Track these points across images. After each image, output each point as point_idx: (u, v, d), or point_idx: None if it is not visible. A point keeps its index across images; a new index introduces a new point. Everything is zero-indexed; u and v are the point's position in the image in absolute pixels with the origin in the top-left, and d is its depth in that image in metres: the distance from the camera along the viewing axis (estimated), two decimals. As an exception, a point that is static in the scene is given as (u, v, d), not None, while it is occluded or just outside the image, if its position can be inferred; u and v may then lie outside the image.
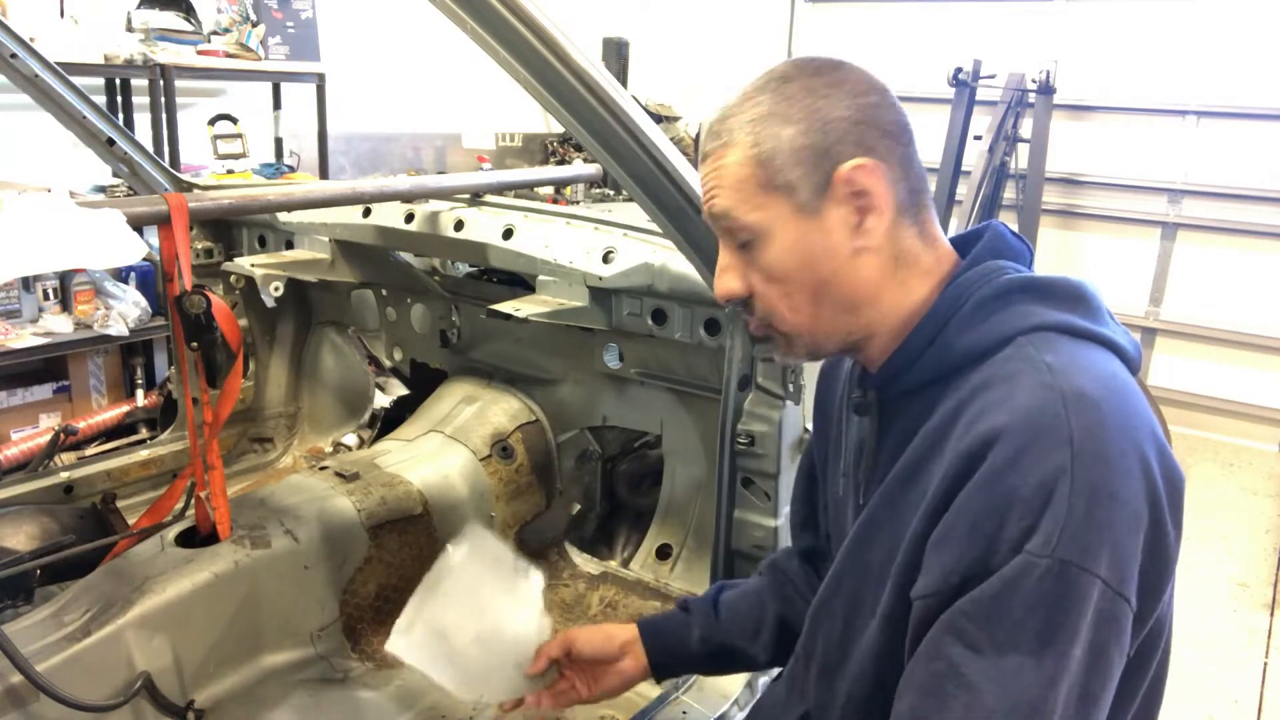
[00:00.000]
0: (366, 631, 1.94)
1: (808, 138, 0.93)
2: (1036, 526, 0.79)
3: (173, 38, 3.89)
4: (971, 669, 0.80)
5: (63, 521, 2.09)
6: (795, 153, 0.93)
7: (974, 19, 5.72)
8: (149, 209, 1.61)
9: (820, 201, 0.94)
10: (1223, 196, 5.20)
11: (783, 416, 1.70)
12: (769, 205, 0.95)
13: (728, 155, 0.96)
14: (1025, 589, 0.79)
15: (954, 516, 0.85)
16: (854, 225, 0.94)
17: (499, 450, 2.27)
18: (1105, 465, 0.81)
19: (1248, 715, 2.91)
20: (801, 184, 0.94)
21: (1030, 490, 0.80)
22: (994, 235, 1.00)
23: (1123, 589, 0.80)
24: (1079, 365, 0.87)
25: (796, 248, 0.95)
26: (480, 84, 5.43)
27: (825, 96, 0.94)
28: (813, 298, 0.97)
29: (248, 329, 2.69)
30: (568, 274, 1.98)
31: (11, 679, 1.42)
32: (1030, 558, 0.79)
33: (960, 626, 0.82)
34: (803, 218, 0.94)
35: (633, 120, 1.29)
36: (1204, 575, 3.73)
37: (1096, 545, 0.79)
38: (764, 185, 0.94)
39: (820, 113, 0.93)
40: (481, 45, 1.17)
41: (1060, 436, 0.81)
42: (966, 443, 0.85)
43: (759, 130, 0.94)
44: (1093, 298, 0.96)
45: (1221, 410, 5.33)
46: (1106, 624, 0.80)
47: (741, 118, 0.96)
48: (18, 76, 2.01)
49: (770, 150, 0.94)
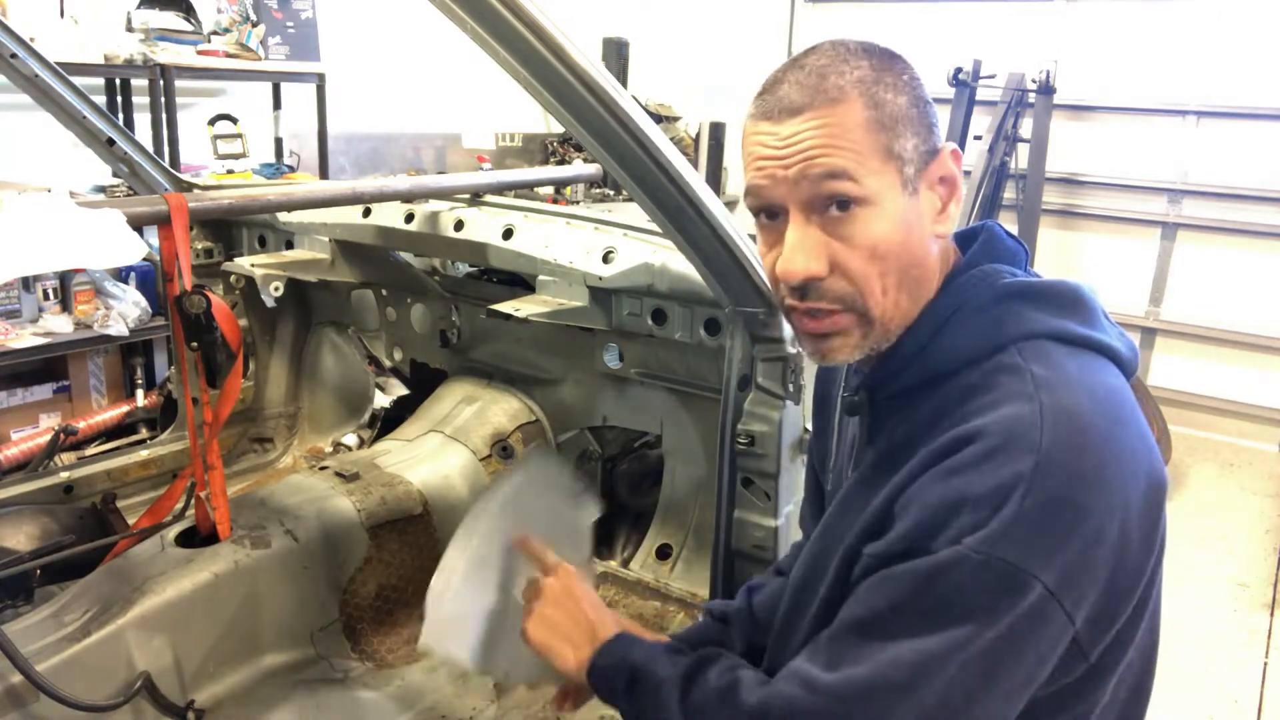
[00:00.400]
0: (366, 631, 1.94)
1: (919, 110, 0.91)
2: (982, 525, 0.81)
3: (173, 38, 3.89)
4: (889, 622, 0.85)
5: (63, 521, 2.10)
6: (911, 123, 0.89)
7: (974, 19, 5.72)
8: (149, 209, 1.61)
9: (918, 180, 0.91)
10: (1223, 196, 5.20)
11: (783, 416, 1.70)
12: (885, 172, 0.89)
13: (840, 112, 0.88)
14: (954, 577, 0.81)
15: (912, 494, 0.87)
16: (938, 210, 0.93)
17: (499, 450, 2.27)
18: (1073, 478, 0.81)
19: (1248, 715, 2.91)
20: (912, 157, 0.90)
21: (984, 490, 0.82)
22: (990, 237, 1.00)
23: (1064, 599, 0.81)
24: (1067, 377, 0.87)
25: (903, 223, 0.90)
26: (480, 84, 5.43)
27: (910, 76, 0.92)
28: (900, 279, 0.91)
29: (248, 329, 2.69)
30: (568, 274, 1.98)
31: (11, 679, 1.42)
32: (963, 550, 0.81)
33: (888, 586, 0.86)
34: (905, 192, 0.90)
35: (633, 120, 1.28)
36: (1204, 575, 3.73)
37: (1044, 551, 0.80)
38: (884, 149, 0.88)
39: (920, 90, 0.91)
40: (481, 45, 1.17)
41: (1028, 445, 0.82)
42: (942, 441, 0.87)
43: (876, 92, 0.88)
44: (1089, 301, 0.96)
45: (1221, 410, 5.33)
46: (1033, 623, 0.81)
47: (848, 76, 0.89)
48: (18, 76, 2.01)
49: (891, 115, 0.88)
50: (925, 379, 0.94)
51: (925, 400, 0.94)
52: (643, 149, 1.33)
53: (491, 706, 1.85)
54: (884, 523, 0.90)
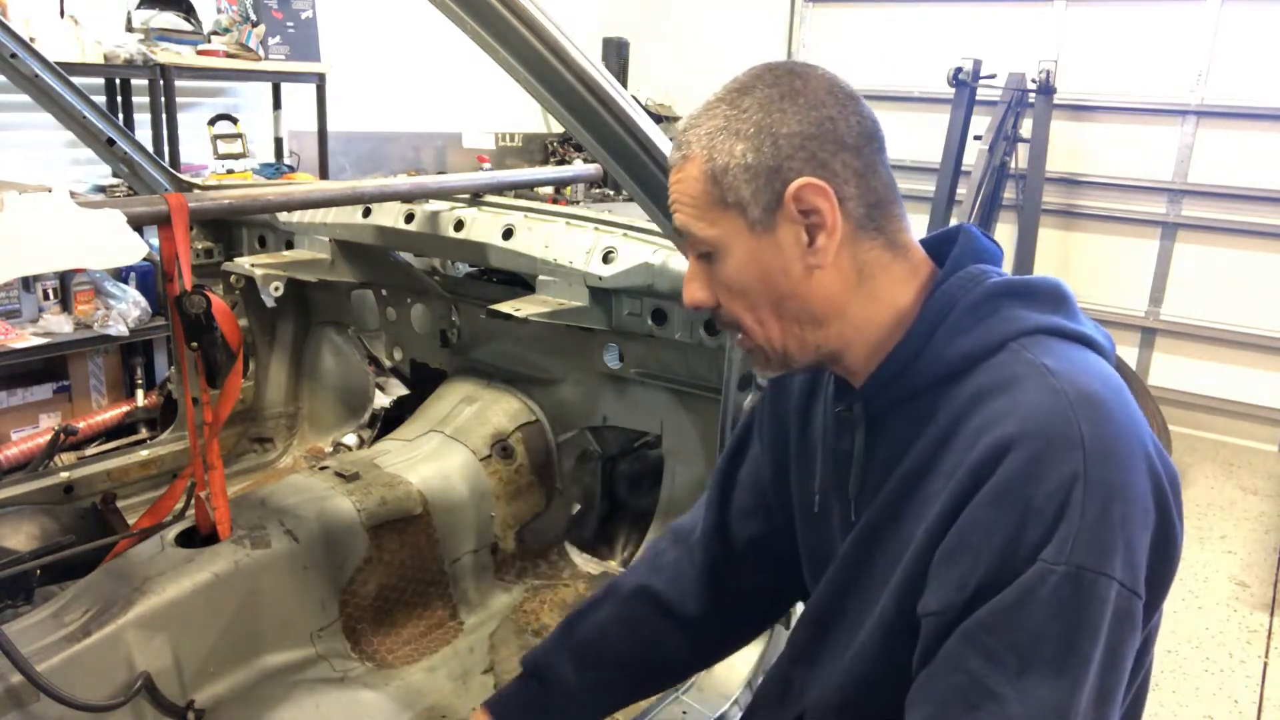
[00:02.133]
0: (366, 631, 1.94)
1: (758, 154, 0.91)
2: (1052, 535, 0.79)
3: (173, 38, 3.90)
4: (994, 680, 0.79)
5: (63, 521, 2.10)
6: (746, 169, 0.92)
7: (974, 19, 5.72)
8: (149, 209, 1.61)
9: (773, 218, 0.92)
10: (1223, 196, 5.19)
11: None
12: (723, 221, 0.94)
13: (686, 169, 0.95)
14: (1042, 598, 0.79)
15: (966, 528, 0.84)
16: (805, 243, 0.93)
17: (499, 450, 2.27)
18: (1115, 465, 0.81)
19: (1248, 715, 2.91)
20: (753, 201, 0.92)
21: (1044, 498, 0.80)
22: (968, 239, 0.99)
23: (1136, 586, 0.81)
24: (1076, 367, 0.88)
25: (752, 264, 0.94)
26: (480, 84, 5.43)
27: (780, 110, 0.92)
28: (775, 312, 0.96)
29: (248, 329, 2.69)
30: (568, 274, 1.98)
31: (11, 679, 1.42)
32: (1045, 566, 0.79)
33: (979, 639, 0.81)
34: (756, 235, 0.93)
35: (633, 120, 1.29)
36: (1204, 575, 3.73)
37: (1110, 546, 0.79)
38: (718, 201, 0.93)
39: (771, 128, 0.91)
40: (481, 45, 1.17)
41: (1072, 440, 0.81)
42: (977, 454, 0.84)
43: (713, 145, 0.93)
44: (1069, 297, 0.96)
45: (1221, 410, 5.33)
46: (1121, 622, 0.80)
47: (699, 130, 0.95)
48: (18, 76, 2.02)
49: (722, 166, 0.92)
50: (926, 383, 0.94)
51: (932, 405, 0.93)
52: (643, 149, 1.33)
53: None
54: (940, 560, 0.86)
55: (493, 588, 2.20)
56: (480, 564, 2.19)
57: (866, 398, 0.99)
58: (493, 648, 2.04)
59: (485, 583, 2.19)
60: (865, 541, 0.99)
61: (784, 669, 1.15)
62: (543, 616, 2.15)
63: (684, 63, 6.71)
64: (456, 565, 2.13)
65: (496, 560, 2.23)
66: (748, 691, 1.69)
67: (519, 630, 2.10)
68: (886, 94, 5.81)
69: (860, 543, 1.00)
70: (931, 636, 0.86)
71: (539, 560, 2.32)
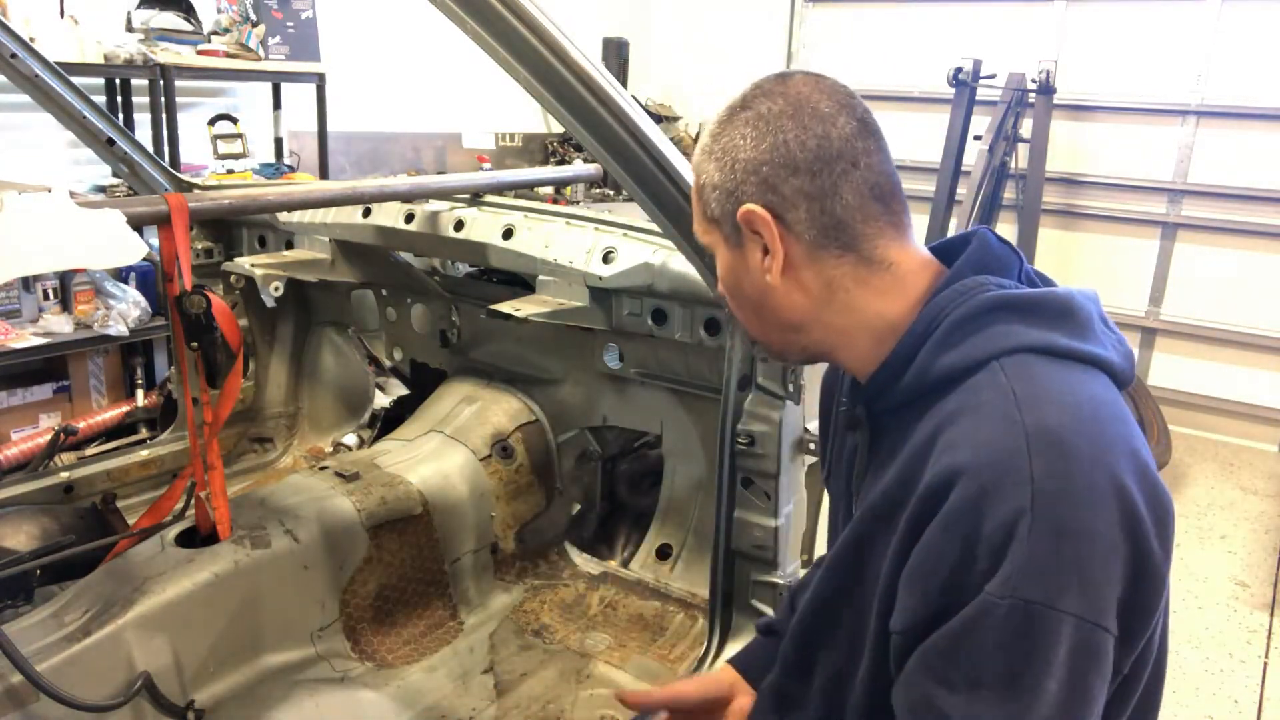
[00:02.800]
0: (366, 631, 1.94)
1: (721, 176, 0.99)
2: (996, 568, 0.80)
3: (173, 38, 3.89)
4: (946, 703, 0.82)
5: (63, 521, 2.10)
6: (715, 189, 1.00)
7: (974, 19, 5.72)
8: (149, 209, 1.61)
9: (739, 235, 1.00)
10: (1223, 196, 5.19)
11: (783, 416, 1.70)
12: (711, 232, 1.03)
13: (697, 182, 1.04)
14: (987, 628, 0.80)
15: (920, 554, 0.86)
16: (761, 259, 0.99)
17: (499, 450, 2.27)
18: (1070, 501, 0.80)
19: (1247, 715, 2.91)
20: (723, 219, 1.00)
21: (990, 530, 0.80)
22: (979, 245, 0.99)
23: (1100, 619, 0.80)
24: (1050, 394, 0.86)
25: (730, 272, 1.04)
26: (480, 84, 5.43)
27: (742, 136, 0.97)
28: (755, 314, 1.05)
29: (248, 329, 2.69)
30: (568, 274, 1.98)
31: (11, 679, 1.42)
32: (989, 599, 0.80)
33: (930, 663, 0.84)
34: (731, 248, 1.02)
35: (633, 120, 1.29)
36: (1204, 575, 3.73)
37: (1063, 582, 0.79)
38: (704, 215, 1.03)
39: (732, 153, 0.97)
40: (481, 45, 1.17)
41: (1021, 476, 0.80)
42: (931, 477, 0.85)
43: (700, 164, 1.02)
44: (1080, 311, 0.94)
45: (1221, 410, 5.33)
46: (1084, 656, 0.80)
47: (702, 147, 1.02)
48: (18, 76, 2.02)
49: (701, 185, 1.02)
50: (913, 395, 0.94)
51: (918, 416, 0.93)
52: (643, 149, 1.33)
53: (491, 706, 1.85)
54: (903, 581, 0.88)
55: (493, 588, 2.20)
56: (480, 564, 2.19)
57: (867, 400, 1.01)
58: (493, 648, 2.04)
59: (485, 583, 2.19)
60: (855, 549, 0.99)
61: (777, 680, 1.16)
62: (543, 616, 2.15)
63: (684, 63, 6.72)
64: (456, 565, 2.13)
65: (496, 560, 2.23)
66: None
67: (519, 630, 2.11)
68: (886, 94, 5.82)
69: (850, 550, 1.00)
70: (897, 655, 0.89)
71: (539, 560, 2.32)
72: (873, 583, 0.95)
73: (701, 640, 1.93)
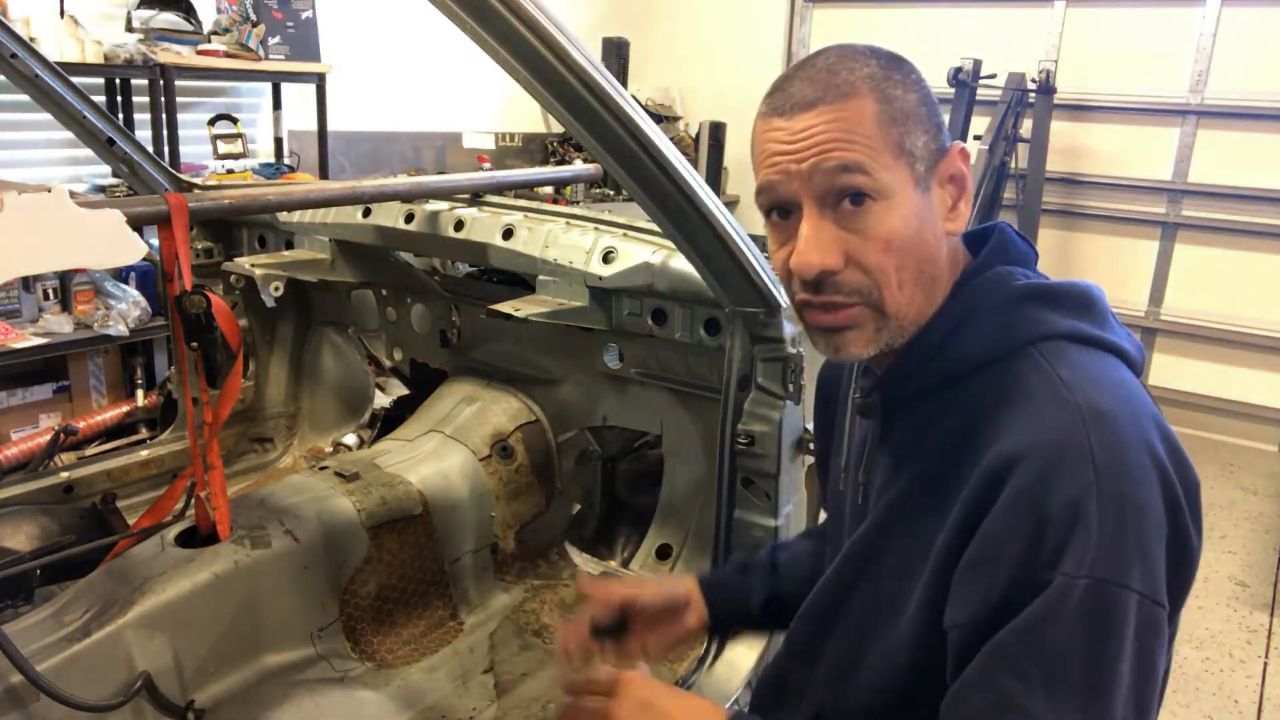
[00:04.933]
0: (366, 631, 1.94)
1: (928, 108, 0.91)
2: (1068, 546, 0.79)
3: (173, 38, 3.89)
4: (1026, 699, 0.78)
5: (63, 521, 2.10)
6: (921, 120, 0.90)
7: (974, 19, 5.72)
8: (149, 209, 1.61)
9: (929, 177, 0.92)
10: (1223, 196, 5.19)
11: (783, 416, 1.70)
12: (897, 167, 0.89)
13: (853, 107, 0.88)
14: (1066, 613, 0.78)
15: (982, 541, 0.84)
16: (949, 207, 0.94)
17: (499, 450, 2.27)
18: (1127, 478, 0.81)
19: (1248, 715, 2.91)
20: (922, 154, 0.91)
21: (1058, 510, 0.80)
22: (1002, 239, 0.99)
23: (1158, 595, 0.81)
24: (1091, 378, 0.87)
25: (915, 218, 0.90)
26: (480, 84, 5.43)
27: (922, 79, 0.93)
28: (916, 274, 0.91)
29: (248, 329, 2.69)
30: (568, 274, 1.98)
31: (11, 679, 1.42)
32: (1067, 579, 0.79)
33: (1007, 657, 0.80)
34: (918, 189, 0.91)
35: (633, 120, 1.28)
36: (1204, 575, 3.73)
37: (1128, 558, 0.79)
38: (894, 145, 0.89)
39: (926, 90, 0.92)
40: (481, 45, 1.17)
41: (1082, 454, 0.81)
42: (988, 463, 0.84)
43: (886, 89, 0.89)
44: (1098, 302, 0.96)
45: (1221, 410, 5.33)
46: (1148, 633, 0.80)
47: (860, 72, 0.89)
48: (18, 76, 2.02)
49: (902, 111, 0.89)
50: (942, 381, 0.94)
51: (946, 403, 0.93)
52: (643, 149, 1.33)
53: (491, 706, 1.85)
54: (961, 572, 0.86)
55: (493, 588, 2.20)
56: (480, 564, 2.19)
57: (884, 387, 0.99)
58: (493, 648, 2.04)
59: (485, 583, 2.19)
60: (876, 539, 0.99)
61: (780, 665, 1.15)
62: (543, 616, 2.15)
63: (684, 63, 6.71)
64: (456, 565, 2.13)
65: (496, 560, 2.23)
66: (747, 692, 1.69)
67: (519, 630, 2.10)
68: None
69: (870, 540, 0.99)
70: (959, 650, 0.85)
71: (539, 560, 2.32)
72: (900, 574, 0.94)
73: (701, 640, 1.93)
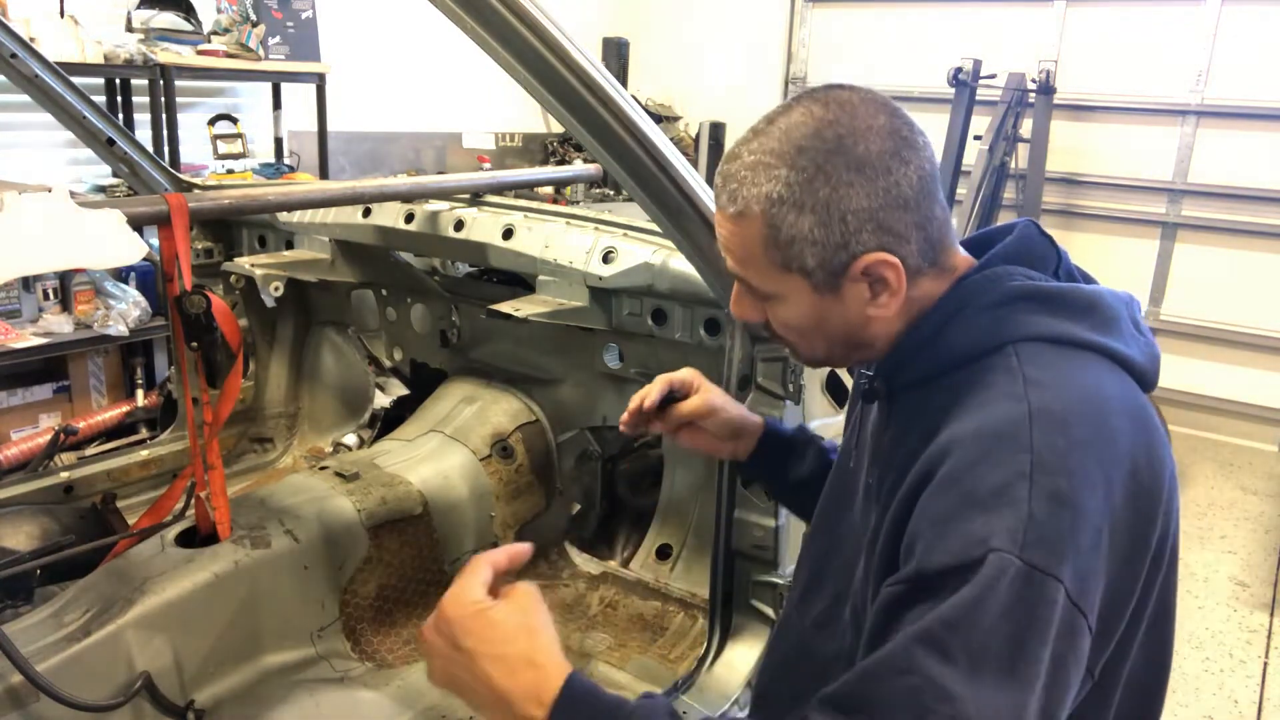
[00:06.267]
0: (366, 631, 1.94)
1: (826, 230, 0.91)
2: (997, 525, 0.79)
3: (173, 38, 3.90)
4: (949, 680, 0.76)
5: (63, 521, 2.10)
6: (813, 244, 0.91)
7: (974, 19, 5.72)
8: (149, 209, 1.61)
9: (837, 282, 0.94)
10: (1223, 196, 5.19)
11: (783, 416, 1.70)
12: (785, 280, 0.95)
13: (743, 226, 0.94)
14: (995, 596, 0.77)
15: (916, 519, 0.86)
16: (868, 299, 0.95)
17: (499, 450, 2.27)
18: (1068, 477, 0.80)
19: (1247, 715, 2.91)
20: (818, 270, 0.93)
21: (988, 491, 0.80)
22: (1020, 237, 1.00)
23: (1081, 603, 0.79)
24: (1060, 380, 0.87)
25: (812, 314, 0.98)
26: (480, 84, 5.43)
27: (847, 184, 0.90)
28: (827, 342, 1.02)
29: (248, 329, 2.69)
30: (568, 274, 1.97)
31: (11, 679, 1.42)
32: (1001, 556, 0.77)
33: (932, 635, 0.78)
34: (819, 294, 0.95)
35: (633, 120, 1.28)
36: (1204, 575, 3.73)
37: (1060, 551, 0.78)
38: (780, 265, 0.94)
39: (839, 205, 0.90)
40: (481, 45, 1.17)
41: (1021, 444, 0.82)
42: (931, 448, 0.86)
43: (775, 213, 0.91)
44: (1108, 309, 0.95)
45: (1221, 410, 5.33)
46: (1064, 637, 0.79)
47: (758, 190, 0.92)
48: (18, 76, 2.02)
49: (788, 237, 0.92)
50: (929, 374, 0.96)
51: (932, 394, 0.95)
52: (643, 149, 1.33)
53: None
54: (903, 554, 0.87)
55: (493, 588, 2.20)
56: (480, 564, 2.18)
57: (883, 377, 1.03)
58: (493, 648, 2.04)
59: (485, 583, 2.19)
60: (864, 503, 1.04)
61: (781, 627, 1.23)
62: (543, 616, 2.15)
63: (684, 63, 6.71)
64: (456, 565, 2.13)
65: (496, 560, 2.23)
66: (748, 691, 1.69)
67: (519, 630, 2.10)
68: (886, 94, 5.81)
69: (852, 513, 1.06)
70: (881, 607, 0.84)
71: (539, 560, 2.32)
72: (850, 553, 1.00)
73: (701, 640, 1.93)
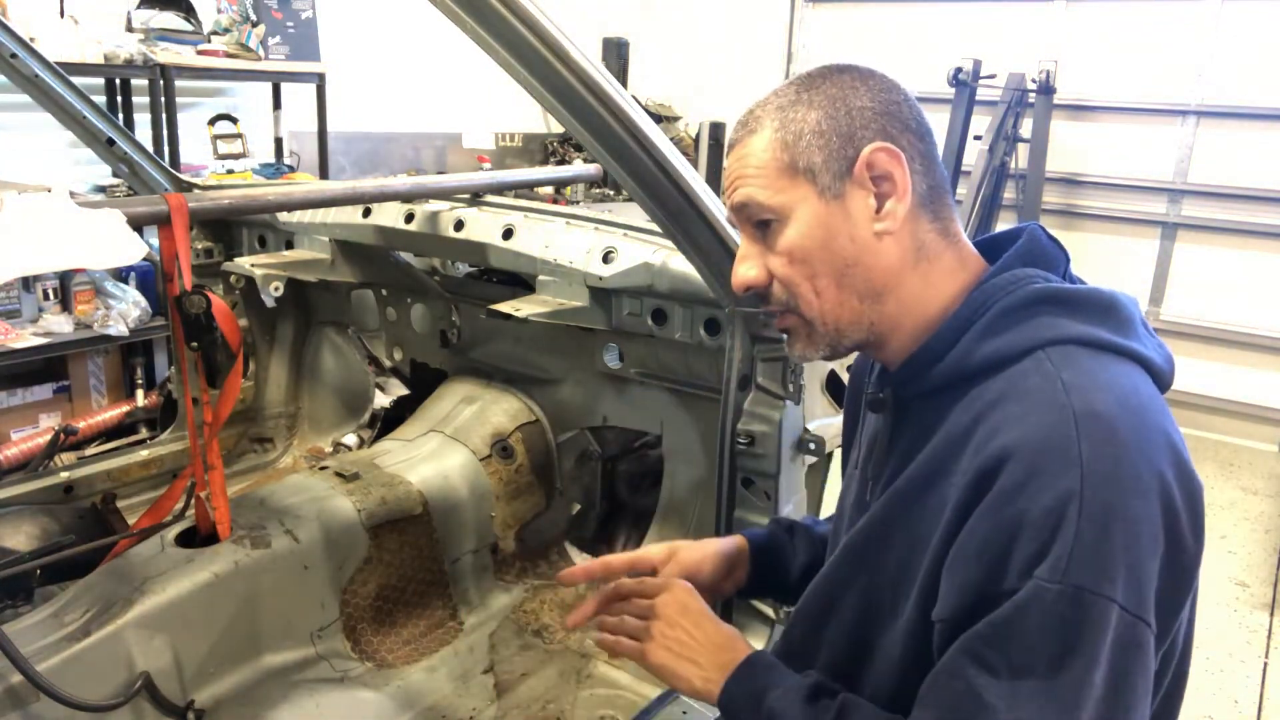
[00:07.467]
0: (366, 631, 1.94)
1: (832, 121, 0.95)
2: (1046, 551, 0.79)
3: (173, 38, 3.90)
4: (989, 692, 0.79)
5: (63, 521, 2.10)
6: (819, 135, 0.95)
7: (974, 19, 5.72)
8: (149, 209, 1.61)
9: (842, 184, 0.95)
10: (1223, 196, 5.20)
11: (783, 416, 1.70)
12: (792, 188, 0.96)
13: (752, 140, 0.98)
14: (1037, 614, 0.78)
15: (965, 538, 0.84)
16: (874, 209, 0.95)
17: (499, 450, 2.27)
18: (1118, 487, 0.80)
19: (1247, 715, 2.91)
20: (824, 167, 0.95)
21: (1039, 514, 0.79)
22: (1029, 240, 1.00)
23: (1141, 612, 0.79)
24: (1096, 382, 0.86)
25: (819, 229, 0.95)
26: (480, 84, 5.43)
27: (851, 88, 0.96)
28: (836, 281, 0.96)
29: (248, 329, 2.69)
30: (568, 274, 1.98)
31: (11, 679, 1.42)
32: (1040, 584, 0.78)
33: (975, 650, 0.81)
34: (825, 200, 0.95)
35: (633, 120, 1.28)
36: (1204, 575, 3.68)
37: (1111, 569, 0.78)
38: (788, 168, 0.96)
39: (845, 100, 0.95)
40: (481, 45, 1.17)
41: (1070, 458, 0.80)
42: (980, 460, 0.85)
43: (784, 115, 0.96)
44: (1124, 310, 0.95)
45: (1221, 410, 5.33)
46: (1126, 649, 0.79)
47: (769, 106, 0.98)
48: (18, 76, 2.02)
49: (795, 133, 0.95)
50: (951, 381, 0.94)
51: (954, 404, 0.93)
52: (643, 149, 1.33)
53: (491, 706, 1.85)
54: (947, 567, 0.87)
55: (493, 588, 2.20)
56: (480, 564, 2.19)
57: (895, 385, 1.01)
58: (493, 648, 2.04)
59: (485, 583, 2.19)
60: (875, 534, 0.99)
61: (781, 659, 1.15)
62: (543, 616, 2.15)
63: (684, 63, 6.72)
64: (456, 565, 2.13)
65: (496, 560, 2.23)
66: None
67: (519, 630, 2.10)
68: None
69: (870, 535, 1.00)
70: (939, 644, 0.86)
71: (539, 560, 2.32)
72: (899, 563, 0.94)
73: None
